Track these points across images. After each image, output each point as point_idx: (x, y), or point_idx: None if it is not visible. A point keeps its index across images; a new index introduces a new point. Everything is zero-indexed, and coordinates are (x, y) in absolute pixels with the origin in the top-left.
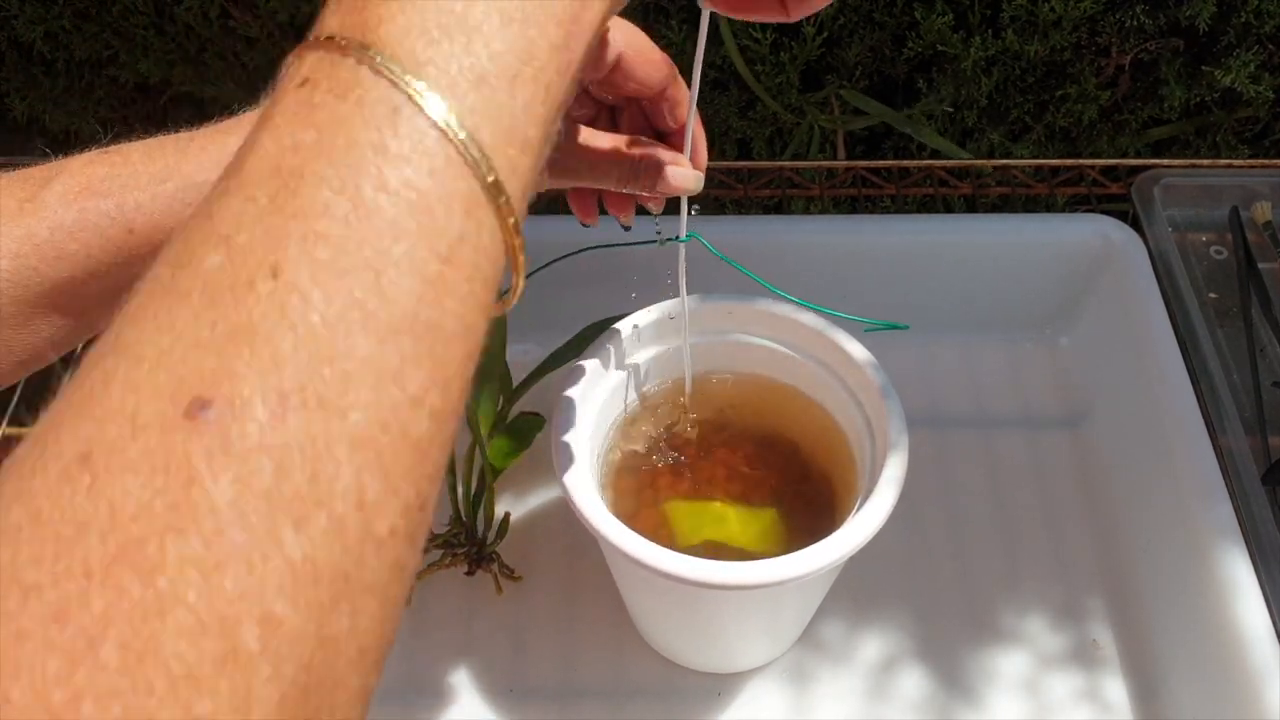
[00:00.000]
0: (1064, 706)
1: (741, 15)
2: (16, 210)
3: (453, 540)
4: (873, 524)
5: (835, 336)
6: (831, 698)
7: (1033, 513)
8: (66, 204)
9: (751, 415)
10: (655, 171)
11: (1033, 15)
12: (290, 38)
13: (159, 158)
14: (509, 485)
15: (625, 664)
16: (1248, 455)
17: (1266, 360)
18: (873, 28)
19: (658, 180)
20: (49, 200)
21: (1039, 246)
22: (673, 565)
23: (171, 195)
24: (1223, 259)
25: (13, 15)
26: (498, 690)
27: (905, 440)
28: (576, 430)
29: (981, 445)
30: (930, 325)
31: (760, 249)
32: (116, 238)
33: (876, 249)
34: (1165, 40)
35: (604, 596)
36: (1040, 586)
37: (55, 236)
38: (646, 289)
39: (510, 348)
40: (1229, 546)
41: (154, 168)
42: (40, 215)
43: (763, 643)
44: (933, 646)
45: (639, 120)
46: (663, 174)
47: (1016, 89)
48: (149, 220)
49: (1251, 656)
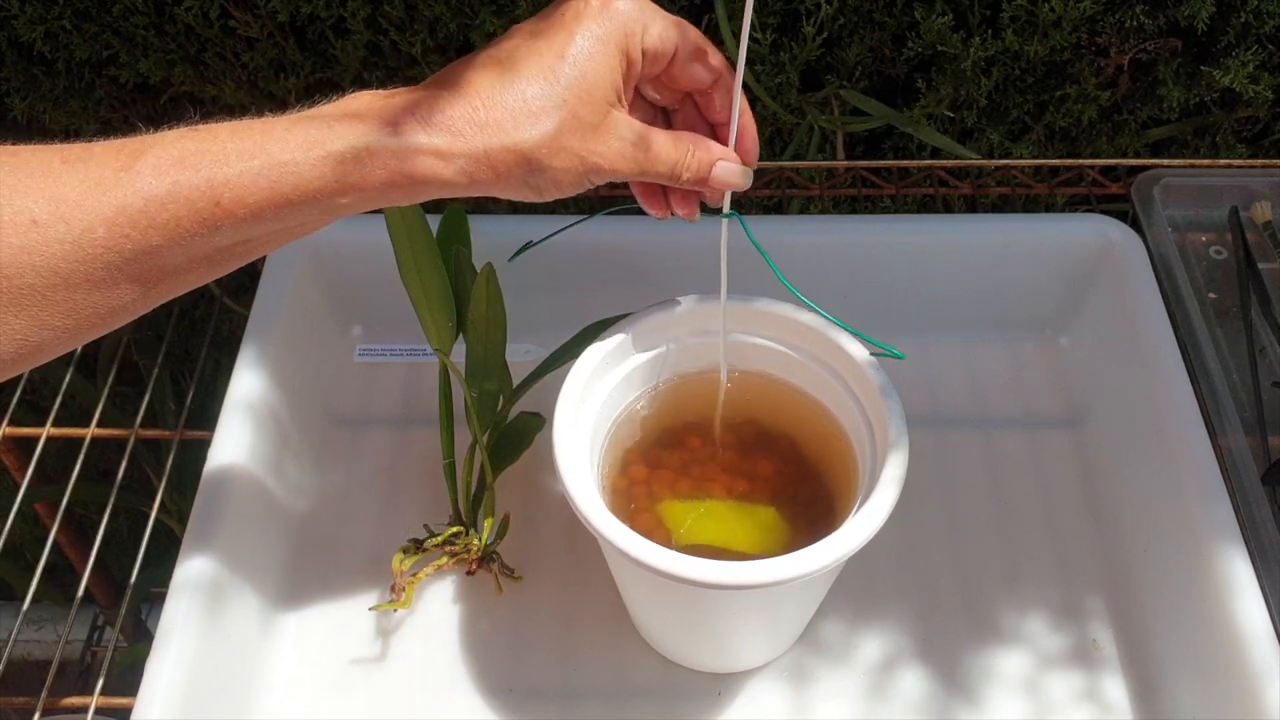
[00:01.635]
0: (1064, 706)
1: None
2: (113, 180)
3: (453, 540)
4: (873, 524)
5: (835, 336)
6: (831, 698)
7: (1033, 513)
8: (160, 175)
9: (752, 414)
10: (705, 168)
11: (1033, 15)
12: (290, 38)
13: (246, 136)
14: (509, 485)
15: (625, 664)
16: (1248, 455)
17: (1266, 360)
18: (873, 28)
19: (708, 177)
20: (143, 171)
21: (1039, 246)
22: (672, 565)
23: (257, 172)
24: (1223, 259)
25: (13, 15)
26: (498, 690)
27: (905, 440)
28: (576, 430)
29: (981, 445)
30: (930, 325)
31: None
32: (204, 209)
33: (876, 249)
34: (1164, 40)
35: (604, 596)
36: (1040, 586)
37: (149, 207)
38: (647, 289)
39: (510, 348)
40: (1229, 546)
41: (242, 145)
42: (135, 185)
43: (763, 643)
44: (933, 646)
45: (692, 114)
46: (712, 170)
47: (1016, 89)
48: (235, 194)
49: (1251, 656)
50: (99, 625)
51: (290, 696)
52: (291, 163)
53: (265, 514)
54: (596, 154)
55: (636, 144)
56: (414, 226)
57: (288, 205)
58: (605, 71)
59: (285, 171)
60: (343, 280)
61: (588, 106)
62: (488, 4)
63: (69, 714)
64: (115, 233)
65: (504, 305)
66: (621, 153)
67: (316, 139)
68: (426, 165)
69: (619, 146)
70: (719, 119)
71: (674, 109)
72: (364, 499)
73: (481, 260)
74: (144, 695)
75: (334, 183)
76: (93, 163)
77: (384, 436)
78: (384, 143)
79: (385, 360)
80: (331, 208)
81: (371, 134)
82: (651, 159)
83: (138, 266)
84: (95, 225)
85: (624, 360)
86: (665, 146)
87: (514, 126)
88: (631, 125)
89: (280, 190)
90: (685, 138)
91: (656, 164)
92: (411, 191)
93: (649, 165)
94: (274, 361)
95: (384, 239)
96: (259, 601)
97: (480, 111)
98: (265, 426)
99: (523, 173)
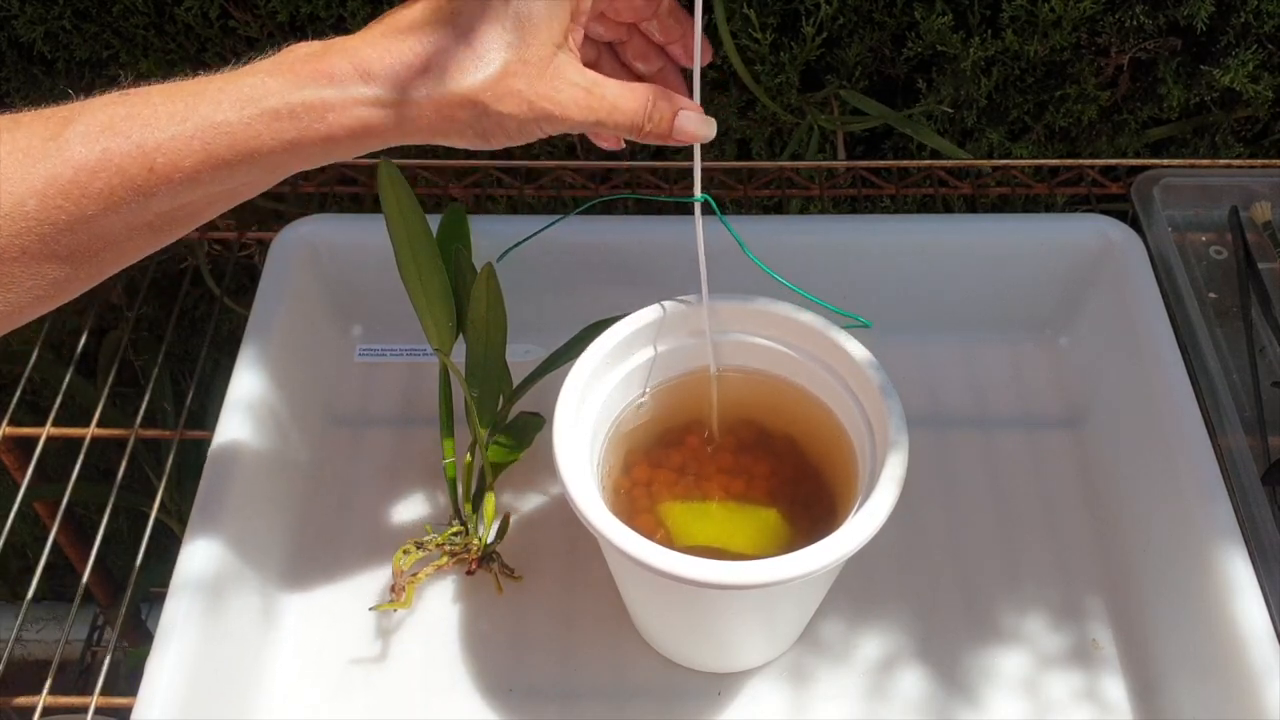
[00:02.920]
0: (1064, 706)
1: None
2: (41, 150)
3: (453, 540)
4: (873, 524)
5: (835, 336)
6: (831, 698)
7: (1033, 513)
8: (89, 143)
9: (752, 414)
10: (667, 121)
11: (1032, 15)
12: (290, 38)
13: (178, 98)
14: (509, 485)
15: (625, 664)
16: (1248, 455)
17: (1266, 360)
18: (873, 28)
19: (671, 129)
20: (72, 139)
21: (1039, 246)
22: (672, 565)
23: (190, 135)
24: (1223, 259)
25: (13, 15)
26: (498, 690)
27: (905, 440)
28: (576, 430)
29: (981, 445)
30: (930, 325)
31: (759, 249)
32: (138, 176)
33: (876, 249)
34: (1164, 40)
35: (604, 596)
36: (1040, 586)
37: (79, 176)
38: (647, 289)
39: (510, 348)
40: (1229, 546)
41: (174, 107)
42: (64, 155)
43: (762, 643)
44: (933, 646)
45: (642, 44)
46: (674, 122)
47: (1016, 89)
48: (168, 159)
49: (1251, 656)
50: (99, 625)
51: (290, 696)
52: (225, 123)
53: (265, 514)
54: (546, 99)
55: (590, 91)
56: (414, 226)
57: (225, 167)
58: (552, 8)
59: (219, 132)
60: (343, 280)
61: (532, 47)
62: None
63: (69, 714)
64: (47, 204)
65: (504, 305)
66: (575, 100)
67: (250, 96)
68: (367, 116)
69: (571, 94)
70: (668, 39)
71: (621, 42)
72: (364, 499)
73: (481, 260)
74: (144, 695)
75: (271, 141)
76: (20, 133)
77: (384, 436)
78: (321, 95)
79: (385, 360)
80: (272, 166)
81: (308, 87)
82: (609, 110)
83: (75, 237)
84: (26, 198)
85: (624, 360)
86: (624, 98)
87: (457, 70)
88: (583, 72)
89: (215, 152)
90: (642, 89)
91: (615, 115)
92: (354, 144)
93: (607, 117)
94: (274, 361)
95: (384, 239)
96: (259, 601)
97: (420, 56)
98: (265, 426)
99: (468, 117)
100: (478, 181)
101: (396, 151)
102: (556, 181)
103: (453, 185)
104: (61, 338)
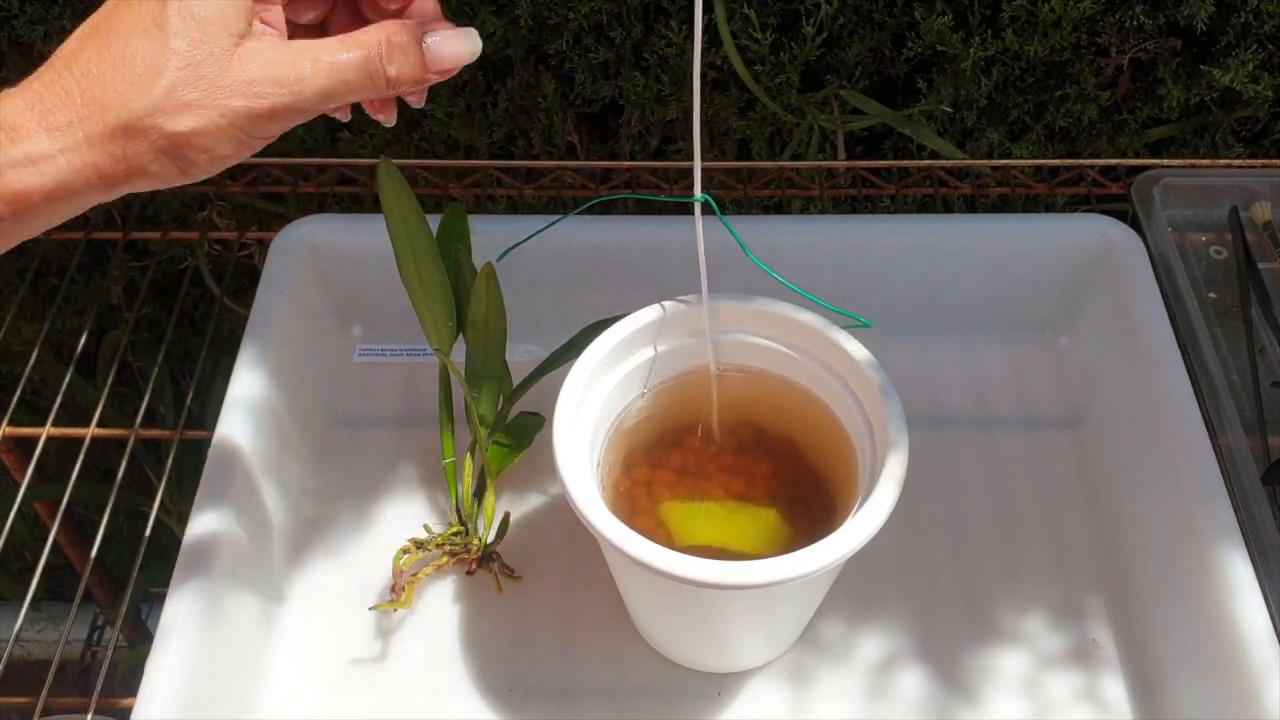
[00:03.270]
0: (1064, 706)
1: None
2: None
3: (453, 540)
4: (873, 524)
5: (835, 336)
6: (831, 698)
7: (1033, 513)
8: None
9: (752, 415)
10: (412, 53)
11: (1032, 15)
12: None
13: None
14: (509, 485)
15: (625, 664)
16: (1248, 455)
17: (1266, 360)
18: (873, 28)
19: (423, 61)
20: None
21: (1039, 246)
22: (672, 565)
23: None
24: (1222, 259)
25: (13, 15)
26: (498, 690)
27: (905, 440)
28: (576, 430)
29: (981, 445)
30: (930, 325)
31: (759, 249)
32: None
33: (876, 249)
34: (1164, 40)
35: (604, 596)
36: (1040, 586)
37: None
38: (647, 289)
39: (510, 348)
40: (1229, 546)
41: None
42: None
43: (762, 642)
44: (933, 646)
45: (347, 16)
46: (422, 52)
47: (1016, 89)
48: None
49: (1251, 656)
50: (99, 625)
51: (290, 696)
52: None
53: (265, 514)
54: (240, 96)
55: (294, 64)
56: (414, 226)
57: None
58: None
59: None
60: (343, 280)
61: (205, 47)
62: (488, 4)
63: (69, 714)
64: None
65: (504, 305)
66: (277, 83)
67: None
68: (25, 180)
69: (272, 78)
70: (389, 5)
71: (325, 22)
72: (364, 499)
73: (481, 260)
74: (144, 695)
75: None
76: None
77: (384, 436)
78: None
79: (385, 360)
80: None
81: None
82: (329, 73)
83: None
84: None
85: (624, 360)
86: (346, 50)
87: (119, 100)
88: (279, 49)
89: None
90: (368, 32)
91: (344, 73)
92: (31, 216)
93: (329, 82)
94: (274, 361)
95: (384, 239)
96: (259, 601)
97: (76, 95)
98: (265, 426)
99: (150, 151)
100: (478, 181)
101: (396, 151)
102: (556, 181)
103: (453, 185)
104: (61, 338)
